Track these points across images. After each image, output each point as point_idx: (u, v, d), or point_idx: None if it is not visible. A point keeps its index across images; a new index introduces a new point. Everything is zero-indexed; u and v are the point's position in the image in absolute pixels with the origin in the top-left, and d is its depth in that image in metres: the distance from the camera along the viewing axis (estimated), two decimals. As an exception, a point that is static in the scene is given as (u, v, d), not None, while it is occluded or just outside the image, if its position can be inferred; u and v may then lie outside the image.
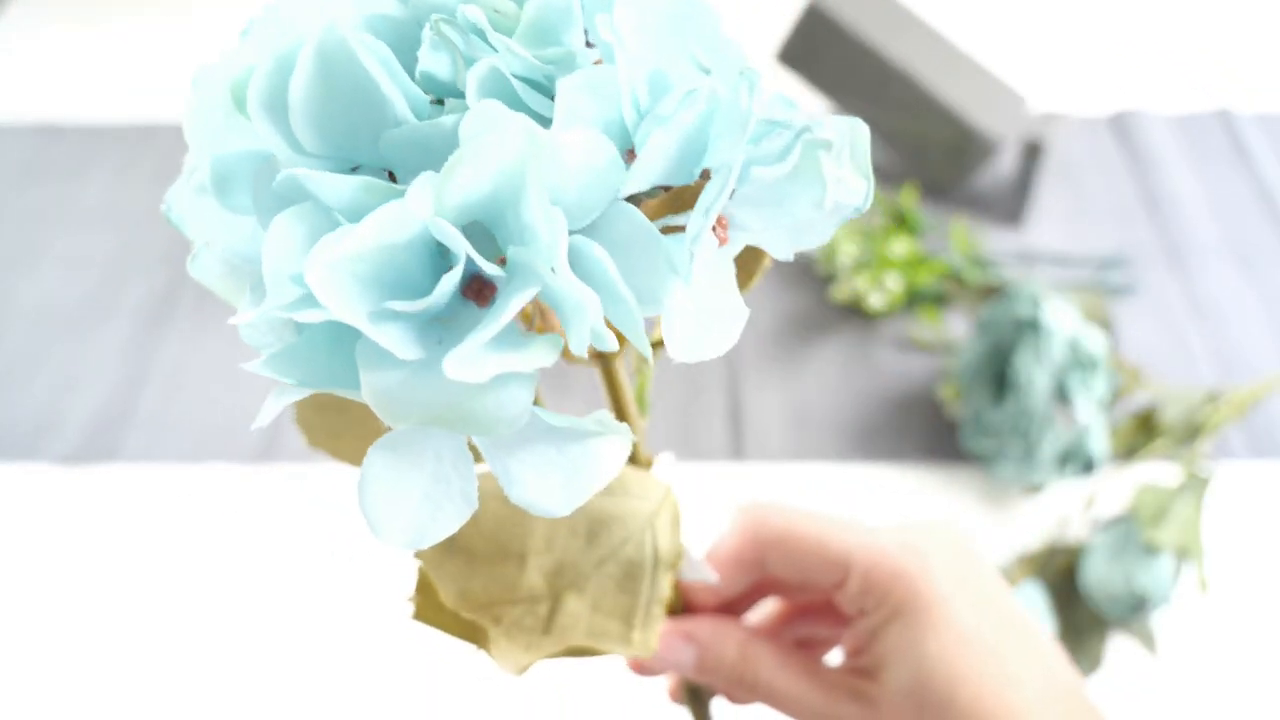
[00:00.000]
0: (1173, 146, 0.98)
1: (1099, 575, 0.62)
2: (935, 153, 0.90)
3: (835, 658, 0.37)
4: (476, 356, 0.17)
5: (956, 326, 0.82)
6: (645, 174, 0.19)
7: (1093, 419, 0.67)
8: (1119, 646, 0.64)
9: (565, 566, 0.25)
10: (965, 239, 0.84)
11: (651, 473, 0.28)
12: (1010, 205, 0.90)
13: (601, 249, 0.18)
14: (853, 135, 0.22)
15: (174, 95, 1.08)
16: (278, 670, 0.63)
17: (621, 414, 0.27)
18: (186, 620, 0.66)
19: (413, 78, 0.20)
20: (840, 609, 0.33)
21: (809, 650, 0.37)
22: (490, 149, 0.17)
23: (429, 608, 0.25)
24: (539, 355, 0.18)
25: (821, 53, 0.90)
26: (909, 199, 0.85)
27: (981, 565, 0.33)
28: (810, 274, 0.87)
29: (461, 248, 0.17)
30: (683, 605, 0.34)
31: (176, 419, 0.77)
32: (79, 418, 0.77)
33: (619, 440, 0.20)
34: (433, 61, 0.20)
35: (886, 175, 0.94)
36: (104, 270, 0.89)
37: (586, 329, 0.18)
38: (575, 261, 0.18)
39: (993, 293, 0.75)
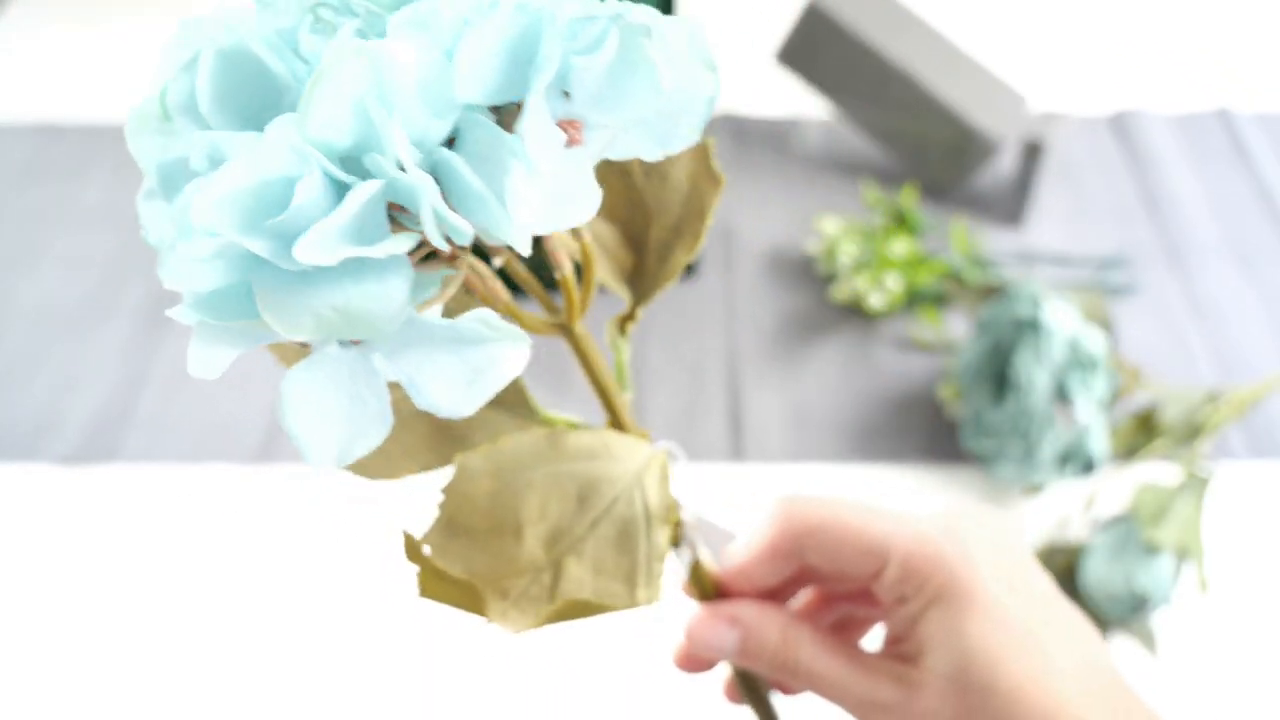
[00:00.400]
0: (1173, 146, 0.98)
1: (1099, 575, 0.62)
2: (935, 153, 0.90)
3: (871, 644, 0.37)
4: (325, 242, 0.19)
5: (956, 326, 0.82)
6: (471, 78, 0.21)
7: (1093, 419, 0.67)
8: (1119, 646, 0.64)
9: (561, 533, 0.26)
10: (965, 239, 0.84)
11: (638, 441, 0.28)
12: (1010, 205, 0.90)
13: (451, 152, 0.21)
14: (689, 32, 0.23)
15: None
16: (277, 670, 0.63)
17: (600, 388, 0.28)
18: (186, 620, 0.66)
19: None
20: (878, 599, 0.33)
21: (847, 633, 0.38)
22: (336, 72, 0.19)
23: (432, 583, 0.25)
24: (392, 244, 0.20)
25: (821, 53, 0.90)
26: (909, 199, 0.85)
27: (1020, 553, 0.33)
28: (810, 274, 0.87)
29: (315, 161, 0.20)
30: (719, 594, 0.34)
31: (176, 419, 0.77)
32: (79, 418, 0.77)
33: (515, 344, 0.22)
34: (312, 43, 0.22)
35: (886, 175, 0.94)
36: (104, 270, 0.89)
37: (430, 214, 0.20)
38: (439, 171, 0.21)
39: (993, 293, 0.75)
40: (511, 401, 0.28)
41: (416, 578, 0.26)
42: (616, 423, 0.29)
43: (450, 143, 0.21)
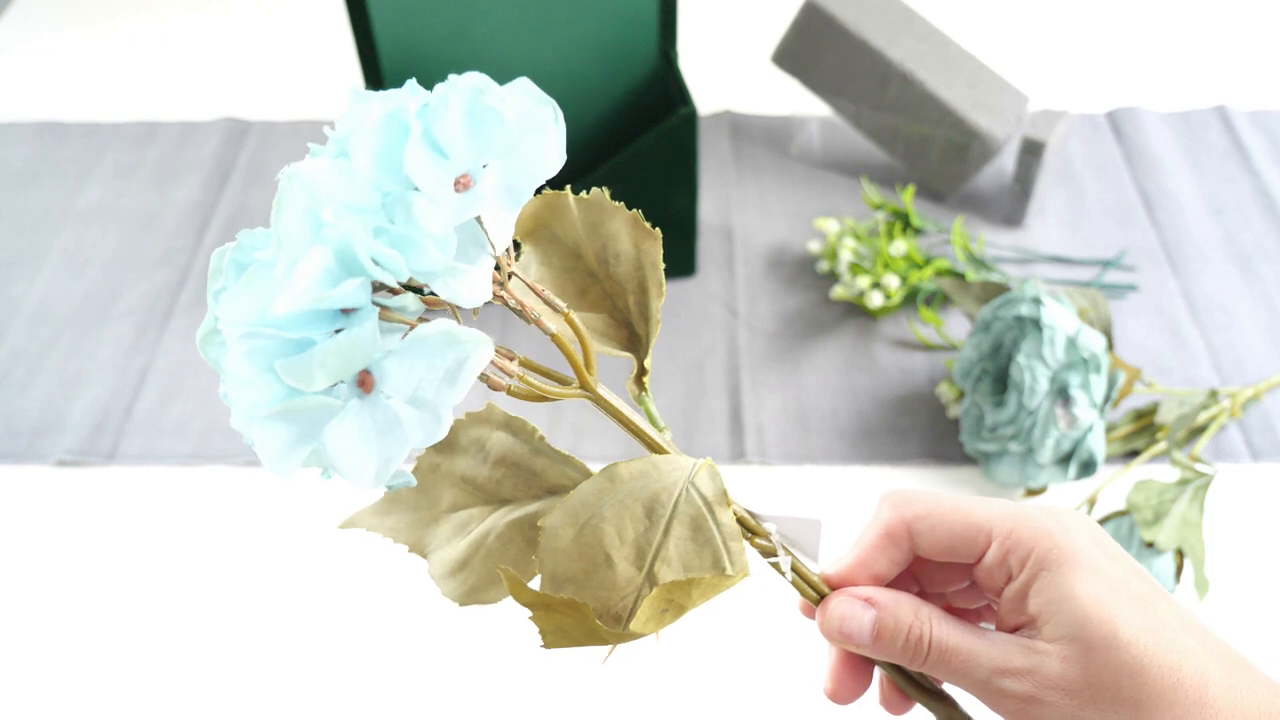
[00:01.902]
0: (1171, 144, 0.98)
1: None
2: (935, 153, 0.90)
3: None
4: (293, 299, 0.25)
5: (956, 326, 0.82)
6: (366, 177, 0.28)
7: (1093, 419, 0.67)
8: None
9: (643, 547, 0.30)
10: (965, 239, 0.84)
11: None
12: (1010, 205, 0.90)
13: (379, 219, 0.28)
14: (517, 84, 0.29)
15: (174, 95, 1.08)
16: (276, 670, 0.63)
17: (635, 433, 0.32)
18: (186, 621, 0.66)
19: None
20: (983, 587, 0.35)
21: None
22: (286, 192, 0.27)
23: (553, 636, 0.29)
24: (342, 291, 0.26)
25: (819, 52, 0.90)
26: (909, 199, 0.85)
27: (1108, 538, 0.34)
28: (810, 274, 0.87)
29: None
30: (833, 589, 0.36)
31: (175, 420, 0.77)
32: (78, 419, 0.77)
33: (477, 343, 0.27)
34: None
35: (886, 175, 0.94)
36: (104, 270, 0.89)
37: (366, 256, 0.27)
38: (377, 236, 0.28)
39: (993, 293, 0.75)
40: (563, 466, 0.33)
41: (540, 635, 0.29)
42: (661, 452, 0.33)
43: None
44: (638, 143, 0.76)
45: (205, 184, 0.97)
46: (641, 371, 0.32)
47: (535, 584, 0.30)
